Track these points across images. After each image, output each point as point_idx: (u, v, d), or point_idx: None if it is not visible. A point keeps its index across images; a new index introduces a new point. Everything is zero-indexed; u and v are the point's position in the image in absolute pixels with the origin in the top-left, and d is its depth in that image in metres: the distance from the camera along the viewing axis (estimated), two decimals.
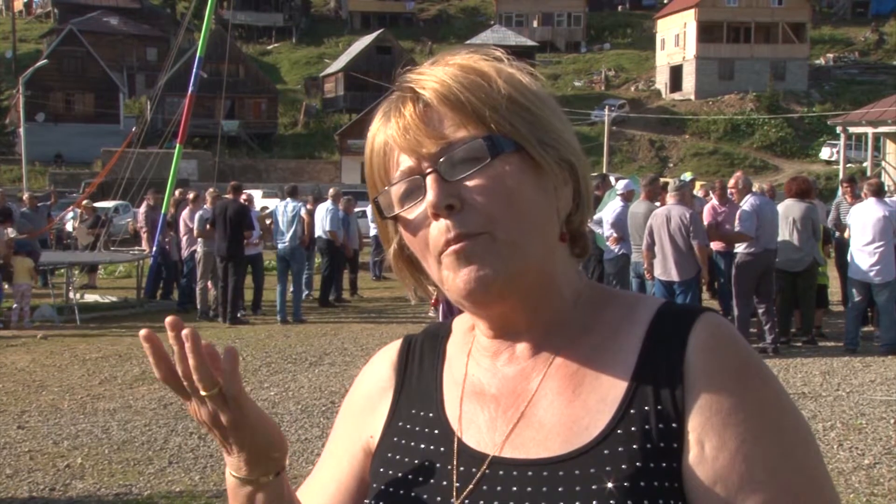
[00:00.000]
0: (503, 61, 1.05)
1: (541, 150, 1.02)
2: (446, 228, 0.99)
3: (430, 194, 0.99)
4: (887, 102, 29.25)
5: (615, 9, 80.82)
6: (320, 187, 31.79)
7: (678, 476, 0.96)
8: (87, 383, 9.01)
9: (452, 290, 1.01)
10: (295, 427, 7.26)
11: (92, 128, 55.79)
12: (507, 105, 1.01)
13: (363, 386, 1.19)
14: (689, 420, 0.96)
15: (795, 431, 0.98)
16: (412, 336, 1.21)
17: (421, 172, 1.00)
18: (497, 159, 0.99)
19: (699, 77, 61.79)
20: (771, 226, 10.06)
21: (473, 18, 79.04)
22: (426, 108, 1.01)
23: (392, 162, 1.04)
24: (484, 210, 0.98)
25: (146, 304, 14.68)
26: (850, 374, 8.99)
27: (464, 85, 1.00)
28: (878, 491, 5.67)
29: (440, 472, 1.04)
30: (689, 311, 1.03)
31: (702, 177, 44.98)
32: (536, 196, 1.01)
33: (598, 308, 1.07)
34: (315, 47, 75.62)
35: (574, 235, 1.08)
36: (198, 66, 15.78)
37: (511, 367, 1.07)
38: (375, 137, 1.06)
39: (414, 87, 1.02)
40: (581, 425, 0.99)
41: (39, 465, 6.34)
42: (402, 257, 1.09)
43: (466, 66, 1.03)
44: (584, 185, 1.07)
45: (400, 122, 1.01)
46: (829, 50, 68.55)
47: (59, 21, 69.02)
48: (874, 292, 9.97)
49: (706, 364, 0.98)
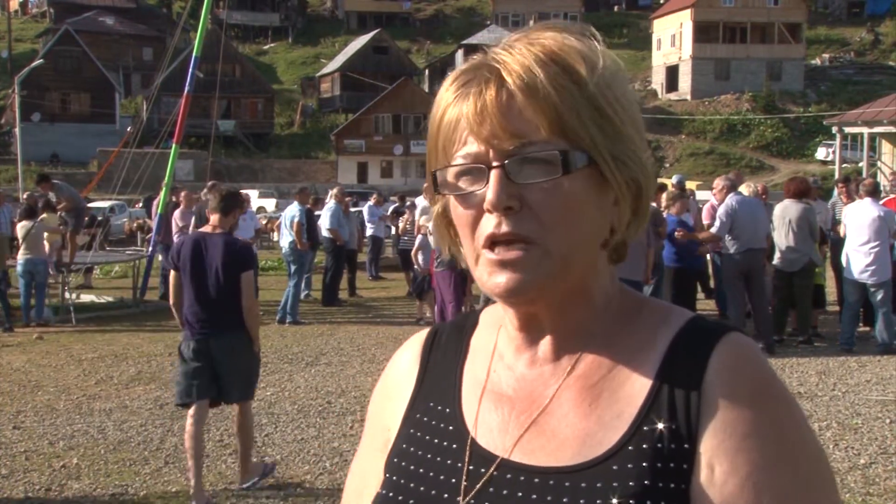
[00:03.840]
0: (598, 55, 1.00)
1: (613, 167, 0.99)
2: (498, 223, 0.97)
3: (491, 191, 0.96)
4: (883, 102, 29.27)
5: (611, 9, 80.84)
6: (316, 187, 31.73)
7: (686, 499, 0.93)
8: (82, 383, 9.00)
9: (486, 286, 1.00)
10: (291, 427, 7.25)
11: (88, 128, 55.75)
12: (591, 113, 0.97)
13: (388, 378, 1.19)
14: (701, 442, 0.94)
15: (810, 462, 0.94)
16: (441, 325, 1.20)
17: (488, 163, 0.97)
18: (568, 174, 0.96)
19: (695, 77, 61.82)
20: (753, 225, 10.03)
21: (470, 18, 79.01)
22: (509, 99, 0.97)
23: (458, 139, 1.00)
24: (542, 220, 0.96)
25: (142, 304, 14.66)
26: (845, 374, 9.00)
27: (553, 84, 0.96)
28: (873, 491, 5.68)
29: (450, 468, 1.04)
30: (714, 330, 1.01)
31: (698, 177, 45.12)
32: (595, 213, 0.99)
33: (626, 317, 1.06)
34: (311, 47, 75.58)
35: (617, 244, 1.05)
36: (194, 66, 15.75)
37: (531, 370, 1.06)
38: (448, 110, 1.01)
39: (501, 72, 0.98)
40: (595, 439, 0.98)
41: (35, 466, 6.33)
42: (444, 219, 1.08)
43: (559, 55, 0.98)
44: (645, 202, 1.04)
45: (479, 105, 0.97)
46: (825, 50, 68.62)
47: (54, 21, 68.90)
48: (870, 292, 9.98)
49: (724, 385, 0.96)
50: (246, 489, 5.77)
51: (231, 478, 6.04)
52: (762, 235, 10.17)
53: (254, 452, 6.08)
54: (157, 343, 11.14)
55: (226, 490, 5.81)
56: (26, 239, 12.57)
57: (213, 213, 5.93)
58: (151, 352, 10.59)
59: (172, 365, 9.88)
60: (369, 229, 18.45)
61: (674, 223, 10.93)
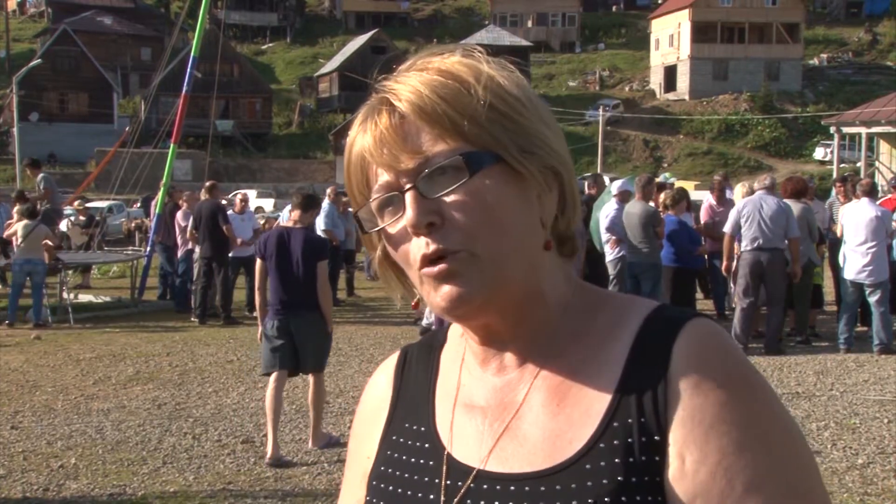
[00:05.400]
0: (483, 63, 1.01)
1: (522, 159, 0.98)
2: (426, 244, 0.96)
3: (409, 212, 0.96)
4: (881, 102, 29.31)
5: (609, 9, 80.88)
6: (314, 187, 31.73)
7: (661, 490, 0.93)
8: (80, 383, 9.00)
9: (433, 306, 0.99)
10: (290, 427, 7.25)
11: (86, 127, 55.70)
12: (487, 114, 0.97)
13: (365, 404, 1.19)
14: (670, 432, 0.93)
15: (784, 443, 0.93)
16: (409, 347, 1.20)
17: (399, 188, 0.97)
18: (477, 175, 0.96)
19: (693, 77, 61.86)
20: (766, 224, 9.97)
21: (468, 18, 79.04)
22: (402, 121, 0.97)
23: (371, 173, 1.01)
24: (464, 227, 0.96)
25: (140, 304, 14.65)
26: (843, 374, 9.01)
27: (440, 96, 0.96)
28: (871, 490, 5.69)
29: (428, 486, 1.03)
30: (677, 318, 1.00)
31: (696, 177, 45.13)
32: (518, 208, 0.98)
33: (589, 314, 1.04)
34: (309, 47, 75.56)
35: (561, 238, 1.05)
36: (192, 66, 15.75)
37: (499, 378, 1.05)
38: (353, 147, 1.02)
39: (389, 98, 0.99)
40: (565, 439, 0.97)
41: (33, 466, 6.33)
42: (388, 262, 1.07)
43: (445, 70, 0.99)
44: (569, 189, 1.03)
45: (375, 135, 0.98)
46: (823, 50, 68.68)
47: (52, 21, 68.87)
48: (867, 292, 9.98)
49: (689, 373, 0.94)
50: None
51: (229, 478, 6.04)
52: (773, 235, 9.92)
53: (322, 423, 6.88)
54: (155, 343, 11.15)
55: (224, 490, 5.81)
56: (27, 238, 12.57)
57: (295, 211, 6.80)
58: (149, 352, 10.59)
59: (171, 365, 9.90)
60: None
61: (673, 223, 10.93)
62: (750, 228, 9.87)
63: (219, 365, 9.90)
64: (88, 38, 61.13)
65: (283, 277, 6.57)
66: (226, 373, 9.48)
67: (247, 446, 6.75)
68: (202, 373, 9.48)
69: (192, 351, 10.67)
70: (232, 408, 7.95)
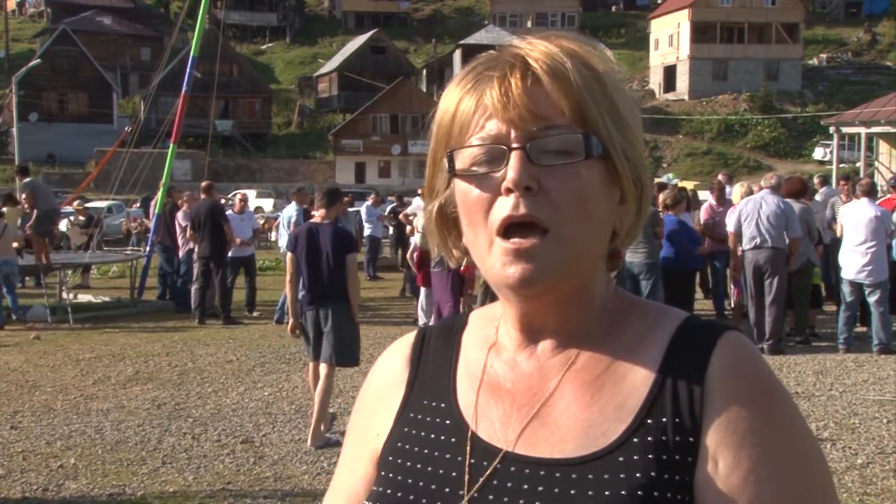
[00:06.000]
0: (611, 58, 1.04)
1: (625, 163, 1.01)
2: (515, 205, 0.97)
3: (512, 171, 0.97)
4: (880, 103, 29.30)
5: (609, 9, 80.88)
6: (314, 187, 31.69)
7: (690, 490, 0.96)
8: (80, 383, 9.00)
9: (499, 276, 1.00)
10: (289, 427, 7.25)
11: (85, 127, 55.65)
12: (608, 108, 1.00)
13: (375, 382, 1.18)
14: (706, 436, 0.97)
15: (808, 456, 0.98)
16: (427, 328, 1.20)
17: (508, 144, 0.98)
18: (588, 160, 0.98)
19: (693, 77, 61.84)
20: (762, 223, 9.97)
21: (468, 18, 79.00)
22: (535, 83, 0.98)
23: (474, 124, 1.01)
24: (558, 204, 0.97)
25: (140, 304, 14.65)
26: (843, 374, 9.01)
27: (578, 71, 0.98)
28: (870, 490, 5.69)
29: (450, 463, 1.04)
30: (714, 329, 1.04)
31: (696, 177, 45.14)
32: (606, 207, 1.01)
33: (622, 317, 1.08)
34: (309, 47, 75.56)
35: (613, 252, 1.08)
36: (191, 66, 15.75)
37: (530, 364, 1.06)
38: (464, 98, 1.02)
39: (526, 58, 1.00)
40: (598, 431, 0.99)
41: (32, 466, 6.33)
42: (441, 216, 1.08)
43: (578, 53, 1.01)
44: (645, 205, 1.06)
45: (503, 88, 0.98)
46: (823, 50, 68.67)
47: (52, 21, 68.85)
48: (866, 292, 9.98)
49: (726, 383, 0.99)
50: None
51: (228, 478, 6.04)
52: (771, 234, 9.91)
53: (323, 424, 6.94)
54: (154, 343, 11.15)
55: (224, 490, 5.81)
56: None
57: (320, 208, 7.05)
58: (149, 352, 10.59)
59: (170, 365, 9.90)
60: (367, 229, 18.43)
61: (673, 223, 10.93)
62: (749, 227, 9.89)
63: (218, 365, 9.90)
64: (88, 38, 61.10)
65: (313, 270, 6.84)
66: (225, 373, 9.48)
67: (246, 446, 6.75)
68: (201, 373, 9.48)
69: (191, 351, 10.67)
70: (231, 408, 7.95)
